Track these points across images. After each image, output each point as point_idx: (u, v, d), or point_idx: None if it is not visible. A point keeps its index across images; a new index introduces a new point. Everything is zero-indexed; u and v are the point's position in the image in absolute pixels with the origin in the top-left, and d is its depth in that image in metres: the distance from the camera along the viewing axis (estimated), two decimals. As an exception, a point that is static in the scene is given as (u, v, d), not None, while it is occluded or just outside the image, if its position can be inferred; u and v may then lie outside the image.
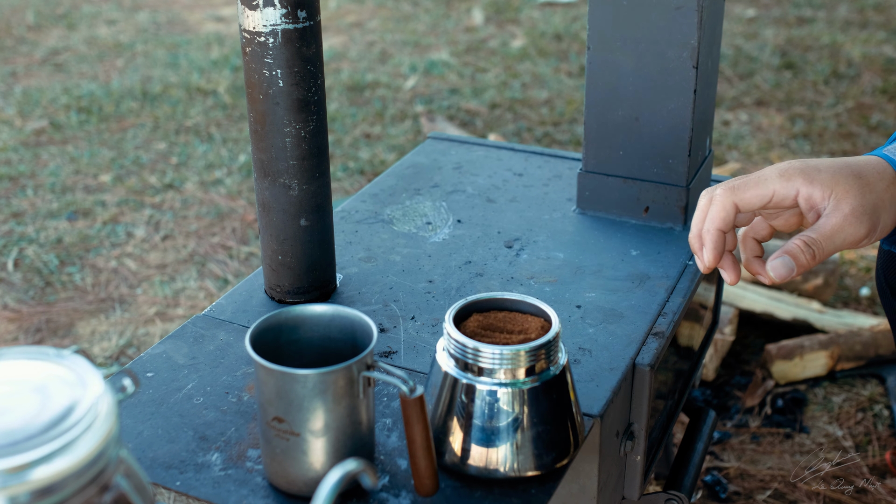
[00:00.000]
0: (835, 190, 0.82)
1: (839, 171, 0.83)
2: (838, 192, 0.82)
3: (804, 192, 0.83)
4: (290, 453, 0.83)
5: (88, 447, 0.50)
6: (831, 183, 0.82)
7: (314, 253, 1.15)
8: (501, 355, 0.83)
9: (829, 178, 0.82)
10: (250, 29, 1.05)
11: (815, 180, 0.82)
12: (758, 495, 1.75)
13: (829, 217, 0.82)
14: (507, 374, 0.84)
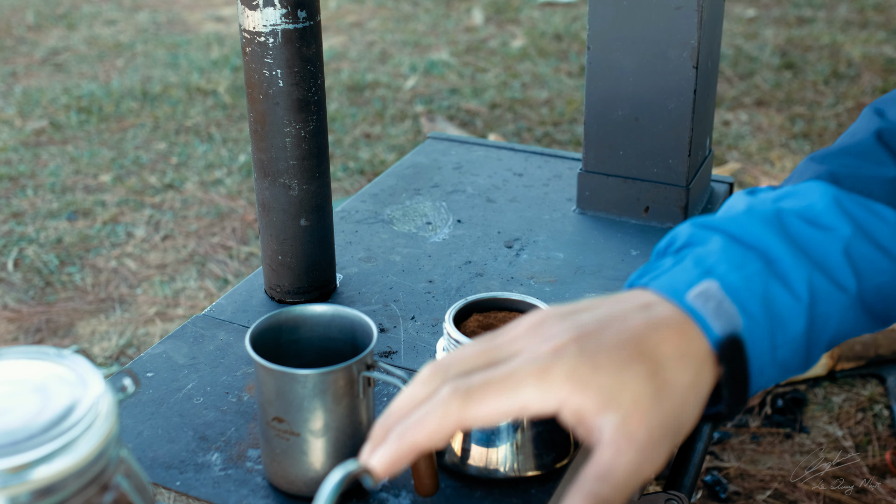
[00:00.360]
0: (618, 401, 0.54)
1: (627, 363, 0.55)
2: (624, 405, 0.54)
3: (571, 404, 0.54)
4: (290, 453, 0.83)
5: (89, 447, 0.50)
6: (612, 390, 0.54)
7: (314, 253, 1.15)
8: None
9: (610, 382, 0.55)
10: (250, 29, 1.05)
11: (590, 386, 0.54)
12: (758, 495, 1.75)
13: (619, 452, 0.54)
14: None
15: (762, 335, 0.59)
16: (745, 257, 0.61)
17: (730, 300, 0.59)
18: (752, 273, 0.60)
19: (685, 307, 0.59)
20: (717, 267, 0.60)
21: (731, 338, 0.58)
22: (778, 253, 0.62)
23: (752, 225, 0.63)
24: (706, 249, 0.62)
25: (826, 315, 0.62)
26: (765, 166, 3.20)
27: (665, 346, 0.57)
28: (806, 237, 0.63)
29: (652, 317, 0.58)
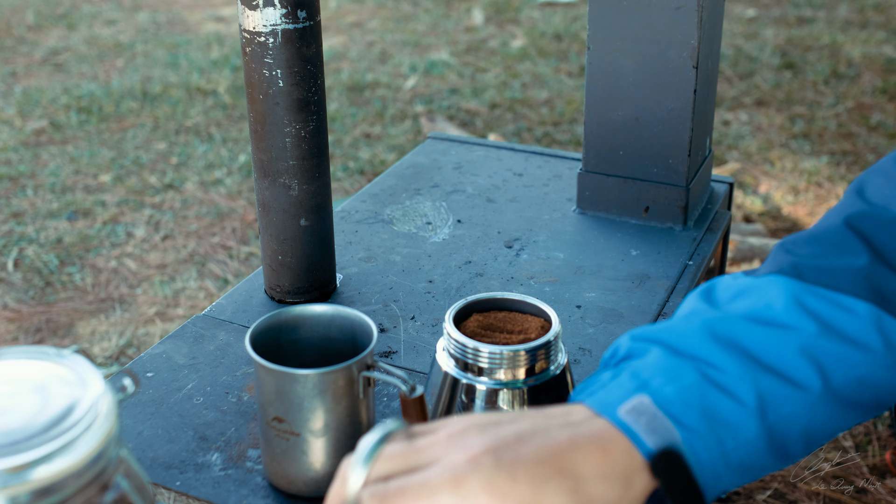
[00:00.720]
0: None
1: (546, 478, 0.55)
2: None
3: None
4: (290, 453, 0.83)
5: (88, 447, 0.50)
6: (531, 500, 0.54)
7: (314, 253, 1.15)
8: (501, 355, 0.83)
9: (530, 495, 0.54)
10: (250, 29, 1.05)
11: (508, 497, 0.53)
12: (758, 495, 1.75)
13: None
14: (507, 374, 0.84)
15: (706, 444, 0.60)
16: (681, 369, 0.61)
17: (663, 414, 0.59)
18: (687, 385, 0.61)
19: (617, 423, 0.59)
20: (652, 381, 0.61)
21: (665, 451, 0.58)
22: (716, 360, 0.62)
23: (691, 334, 0.63)
24: (643, 362, 0.63)
25: (785, 415, 0.62)
26: (765, 166, 3.20)
27: (587, 463, 0.57)
28: (753, 341, 0.63)
29: (576, 434, 0.58)
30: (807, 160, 3.23)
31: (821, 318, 0.64)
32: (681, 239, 1.31)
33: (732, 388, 0.61)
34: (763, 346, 0.63)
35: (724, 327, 0.63)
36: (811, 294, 0.65)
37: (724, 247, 1.45)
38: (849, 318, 0.64)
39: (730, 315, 0.64)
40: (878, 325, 0.64)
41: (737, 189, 3.03)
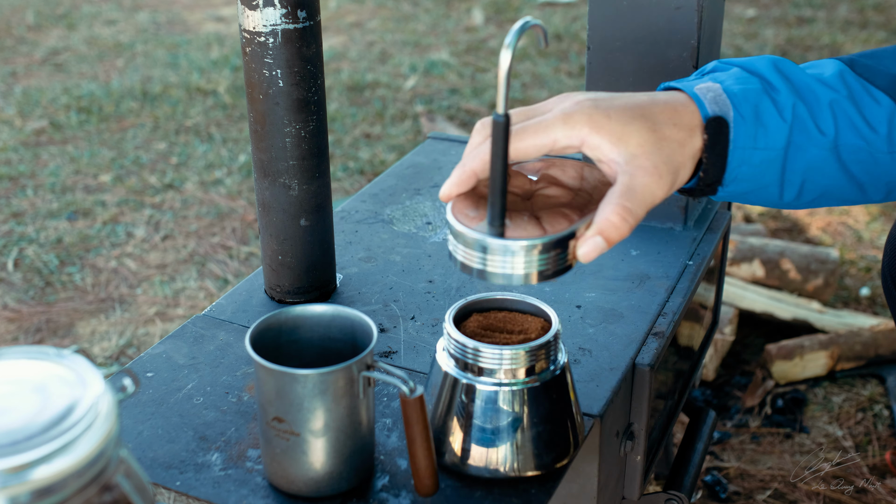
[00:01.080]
0: (627, 142, 0.74)
1: (632, 119, 0.74)
2: (631, 146, 0.74)
3: (591, 142, 0.74)
4: (289, 453, 0.83)
5: (89, 447, 0.50)
6: (622, 134, 0.74)
7: (314, 253, 1.15)
8: (501, 355, 0.83)
9: (620, 128, 0.74)
10: (250, 29, 1.05)
11: (604, 128, 0.74)
12: (758, 495, 1.75)
13: (635, 176, 0.73)
14: (507, 374, 0.84)
15: (746, 131, 0.79)
16: (749, 79, 0.81)
17: (726, 97, 0.79)
18: (750, 89, 0.80)
19: (690, 92, 0.79)
20: (726, 81, 0.80)
21: (718, 118, 0.77)
22: (776, 83, 0.81)
23: (765, 64, 0.82)
24: (724, 74, 0.82)
25: (802, 144, 0.81)
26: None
27: (663, 114, 0.76)
28: (803, 84, 0.82)
29: (656, 97, 0.78)
30: (807, 160, 3.22)
31: (851, 92, 0.82)
32: (681, 239, 1.31)
33: (780, 105, 0.80)
34: (808, 89, 0.82)
35: (787, 67, 0.82)
36: (853, 76, 0.83)
37: (724, 247, 1.45)
38: (871, 103, 0.82)
39: (794, 65, 0.83)
40: (890, 118, 0.82)
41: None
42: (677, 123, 0.76)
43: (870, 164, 0.83)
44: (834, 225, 2.81)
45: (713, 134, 0.77)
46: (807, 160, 0.81)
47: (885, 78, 0.83)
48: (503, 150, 0.69)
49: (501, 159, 0.70)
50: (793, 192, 0.83)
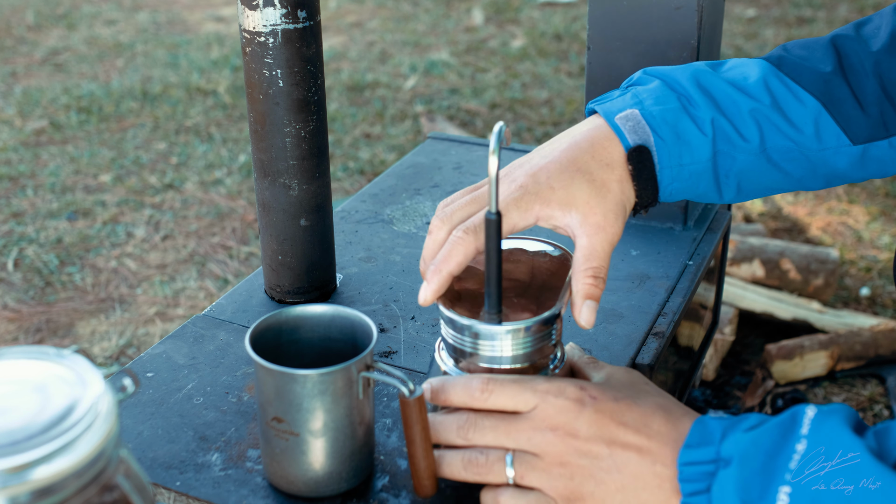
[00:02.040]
0: (575, 205, 0.79)
1: (571, 179, 0.79)
2: (580, 207, 0.79)
3: (543, 215, 0.80)
4: (289, 453, 0.83)
5: (89, 447, 0.50)
6: (567, 199, 0.79)
7: (314, 253, 1.15)
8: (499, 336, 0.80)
9: (564, 194, 0.79)
10: (250, 29, 1.05)
11: (552, 200, 0.79)
12: (758, 495, 1.75)
13: (591, 236, 0.78)
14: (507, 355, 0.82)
15: (669, 151, 0.82)
16: (668, 97, 0.84)
17: (645, 123, 0.82)
18: (668, 108, 0.83)
19: (611, 124, 0.82)
20: (645, 101, 0.83)
21: (640, 147, 0.81)
22: (695, 97, 0.84)
23: (684, 77, 0.85)
24: (645, 88, 0.85)
25: (729, 153, 0.84)
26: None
27: (592, 159, 0.81)
28: (723, 95, 0.84)
29: (579, 139, 0.82)
30: (807, 160, 3.22)
31: (775, 97, 0.85)
32: (681, 239, 1.31)
33: (699, 120, 0.83)
34: (728, 101, 0.84)
35: (707, 79, 0.85)
36: (778, 79, 0.86)
37: (724, 247, 1.45)
38: (795, 105, 0.85)
39: (715, 75, 0.86)
40: (816, 117, 0.85)
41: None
42: (608, 163, 0.81)
43: (802, 161, 0.86)
44: (834, 225, 2.81)
45: (637, 163, 0.81)
46: (737, 165, 0.85)
47: (812, 76, 0.86)
48: (497, 245, 0.76)
49: (496, 253, 0.76)
50: (731, 192, 0.87)
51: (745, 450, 0.65)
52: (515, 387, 0.73)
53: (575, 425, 0.71)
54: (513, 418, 0.73)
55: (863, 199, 2.97)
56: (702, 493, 0.66)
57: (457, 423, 0.76)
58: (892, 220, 2.84)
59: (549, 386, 0.73)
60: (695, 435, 0.69)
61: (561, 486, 0.70)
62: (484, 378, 0.75)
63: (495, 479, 0.74)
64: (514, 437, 0.72)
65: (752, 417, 0.69)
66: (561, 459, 0.71)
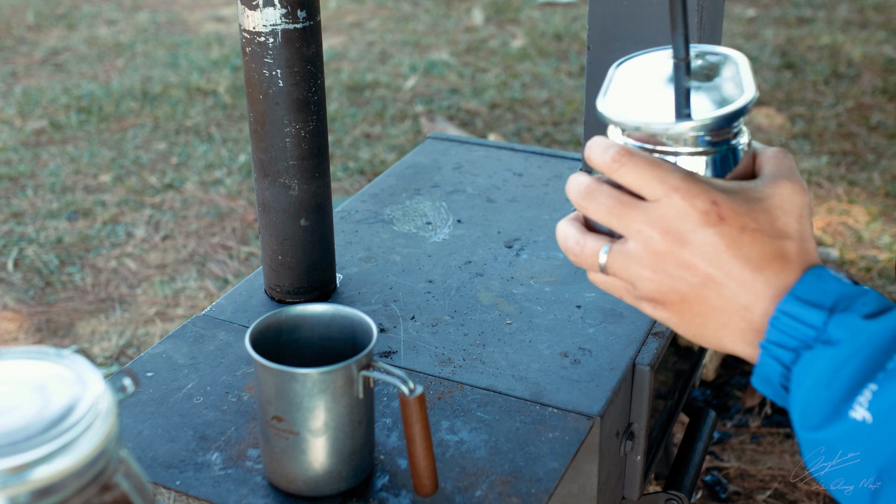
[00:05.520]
0: None
1: None
2: None
3: None
4: (289, 452, 0.83)
5: (89, 447, 0.50)
6: None
7: (314, 253, 1.15)
8: None
9: None
10: (250, 29, 1.05)
11: None
12: (758, 495, 1.75)
13: None
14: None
15: None
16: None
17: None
18: None
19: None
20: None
21: None
22: None
23: None
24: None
25: None
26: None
27: None
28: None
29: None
30: (807, 160, 3.23)
31: None
32: (681, 239, 1.31)
33: None
34: None
35: None
36: None
37: (724, 247, 1.45)
38: None
39: None
40: None
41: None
42: None
43: None
44: (834, 225, 2.81)
45: None
46: None
47: None
48: None
49: None
50: None
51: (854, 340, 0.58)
52: (648, 170, 0.64)
53: (688, 237, 0.63)
54: (631, 203, 0.64)
55: (863, 199, 2.97)
56: (788, 349, 0.60)
57: (581, 186, 0.67)
58: (892, 220, 2.84)
59: (681, 183, 0.63)
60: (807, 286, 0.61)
61: (647, 289, 0.65)
62: (622, 148, 0.65)
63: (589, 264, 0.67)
64: (624, 223, 0.65)
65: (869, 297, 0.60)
66: (658, 264, 0.64)
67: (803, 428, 0.59)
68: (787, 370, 0.60)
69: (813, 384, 0.58)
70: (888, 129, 3.46)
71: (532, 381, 1.02)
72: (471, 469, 0.90)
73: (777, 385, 0.61)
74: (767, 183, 0.65)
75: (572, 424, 0.96)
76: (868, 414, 0.56)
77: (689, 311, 0.64)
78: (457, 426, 0.96)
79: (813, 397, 0.58)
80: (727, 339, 0.64)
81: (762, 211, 0.63)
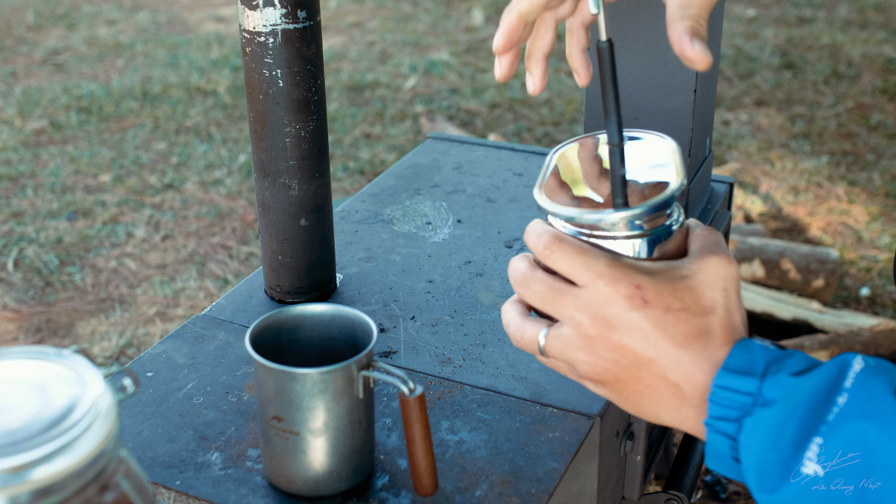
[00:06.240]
0: None
1: None
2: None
3: None
4: (289, 452, 0.83)
5: (89, 447, 0.50)
6: None
7: (314, 253, 1.15)
8: None
9: None
10: (250, 29, 1.05)
11: None
12: (758, 495, 1.75)
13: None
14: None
15: None
16: None
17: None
18: None
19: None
20: None
21: None
22: None
23: None
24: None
25: None
26: (765, 166, 3.20)
27: None
28: None
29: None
30: (807, 160, 3.23)
31: None
32: (681, 239, 1.31)
33: None
34: None
35: None
36: None
37: (724, 247, 1.45)
38: None
39: None
40: None
41: (737, 189, 3.03)
42: None
43: None
44: (834, 225, 2.81)
45: None
46: None
47: None
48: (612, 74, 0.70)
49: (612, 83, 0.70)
50: None
51: (789, 397, 0.60)
52: (575, 257, 0.67)
53: (614, 322, 0.65)
54: (562, 290, 0.67)
55: (863, 199, 2.97)
56: (730, 421, 0.62)
57: (517, 273, 0.70)
58: (892, 220, 2.84)
59: (605, 269, 0.65)
60: (737, 359, 0.63)
61: (584, 370, 0.67)
62: (553, 236, 0.68)
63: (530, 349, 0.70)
64: (557, 310, 0.67)
65: (797, 358, 0.63)
66: (591, 347, 0.66)
67: (761, 492, 0.60)
68: (734, 441, 0.61)
69: (761, 447, 0.59)
70: (888, 129, 3.46)
71: (532, 381, 1.02)
72: (471, 469, 0.90)
73: (729, 459, 0.62)
74: (693, 259, 0.67)
75: (572, 424, 0.96)
76: (819, 467, 0.58)
77: (624, 389, 0.67)
78: (457, 426, 0.96)
79: (763, 460, 0.59)
80: (664, 414, 0.66)
81: (687, 289, 0.65)
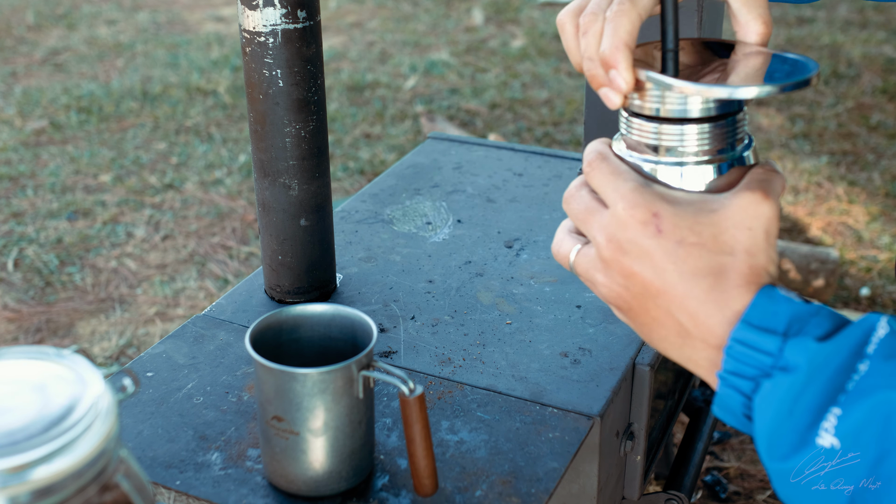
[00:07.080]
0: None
1: None
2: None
3: None
4: (289, 452, 0.83)
5: (89, 447, 0.50)
6: None
7: (314, 253, 1.15)
8: None
9: None
10: (250, 29, 1.05)
11: None
12: (758, 495, 1.75)
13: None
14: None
15: None
16: None
17: None
18: None
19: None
20: None
21: None
22: None
23: None
24: None
25: None
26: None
27: None
28: None
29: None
30: (807, 160, 3.23)
31: None
32: (681, 239, 1.31)
33: None
34: None
35: None
36: None
37: (724, 247, 1.45)
38: None
39: None
40: None
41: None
42: None
43: None
44: (834, 225, 2.81)
45: None
46: None
47: None
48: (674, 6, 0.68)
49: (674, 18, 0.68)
50: None
51: (811, 363, 0.57)
52: (606, 178, 0.65)
53: (626, 247, 0.63)
54: (592, 209, 0.66)
55: (863, 199, 2.97)
56: (747, 378, 0.60)
57: (568, 189, 0.69)
58: (892, 220, 2.84)
59: (628, 192, 0.63)
60: (758, 311, 0.60)
61: (602, 293, 0.67)
62: (599, 154, 0.67)
63: (564, 264, 0.70)
64: (586, 228, 0.67)
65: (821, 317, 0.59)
66: (606, 270, 0.65)
67: (771, 458, 0.58)
68: (748, 399, 0.59)
69: (776, 413, 0.57)
70: (888, 129, 3.46)
71: (532, 381, 1.02)
72: (471, 469, 0.90)
73: (739, 415, 0.60)
74: (728, 195, 0.63)
75: (572, 424, 0.96)
76: (835, 440, 0.56)
77: (636, 318, 0.65)
78: (457, 426, 0.96)
79: (777, 426, 0.57)
80: (670, 351, 0.64)
81: (708, 224, 0.62)
